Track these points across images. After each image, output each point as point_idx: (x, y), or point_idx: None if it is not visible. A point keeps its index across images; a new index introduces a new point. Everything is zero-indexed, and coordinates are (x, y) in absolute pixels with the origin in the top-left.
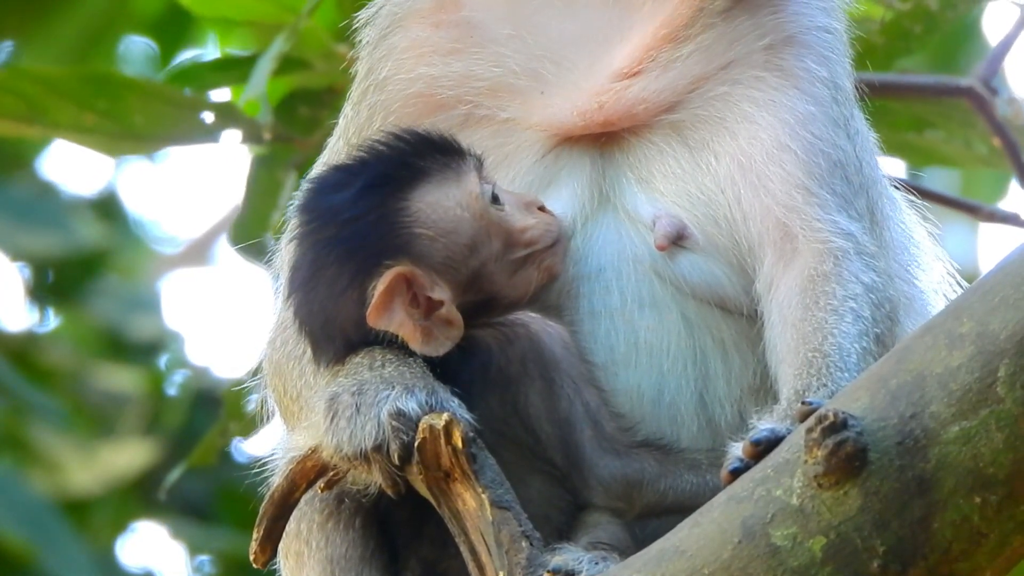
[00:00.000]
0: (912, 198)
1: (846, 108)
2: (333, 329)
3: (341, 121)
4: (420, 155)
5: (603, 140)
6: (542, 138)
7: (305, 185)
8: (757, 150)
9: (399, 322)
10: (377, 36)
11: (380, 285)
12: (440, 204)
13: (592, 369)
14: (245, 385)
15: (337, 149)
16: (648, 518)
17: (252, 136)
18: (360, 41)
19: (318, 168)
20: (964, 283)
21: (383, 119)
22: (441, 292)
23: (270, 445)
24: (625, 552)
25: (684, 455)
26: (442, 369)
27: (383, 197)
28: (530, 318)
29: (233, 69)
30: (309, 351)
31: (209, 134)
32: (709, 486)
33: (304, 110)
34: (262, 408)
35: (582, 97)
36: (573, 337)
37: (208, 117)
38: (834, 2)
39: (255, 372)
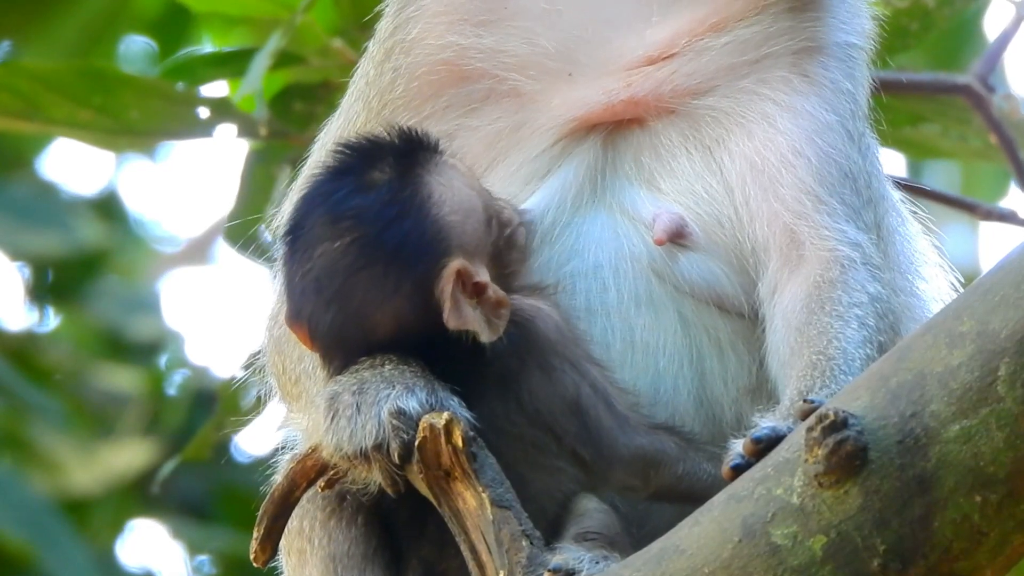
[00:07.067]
0: (911, 200)
1: (861, 124)
2: (363, 333)
3: (359, 81)
4: (414, 147)
5: (615, 134)
6: (557, 124)
7: (307, 186)
8: (772, 153)
9: (469, 317)
10: None
11: (446, 286)
12: (454, 186)
13: (589, 348)
14: (241, 379)
15: (355, 112)
16: (661, 501)
17: (247, 131)
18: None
19: (329, 138)
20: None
21: (407, 84)
22: (483, 274)
23: (270, 444)
24: (615, 539)
25: (704, 447)
26: (438, 371)
27: (413, 192)
28: (522, 304)
29: (229, 63)
30: (318, 358)
31: (204, 129)
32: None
33: (299, 105)
34: (259, 401)
35: (611, 77)
36: (565, 316)
37: (203, 112)
38: (866, 25)
39: (256, 352)
